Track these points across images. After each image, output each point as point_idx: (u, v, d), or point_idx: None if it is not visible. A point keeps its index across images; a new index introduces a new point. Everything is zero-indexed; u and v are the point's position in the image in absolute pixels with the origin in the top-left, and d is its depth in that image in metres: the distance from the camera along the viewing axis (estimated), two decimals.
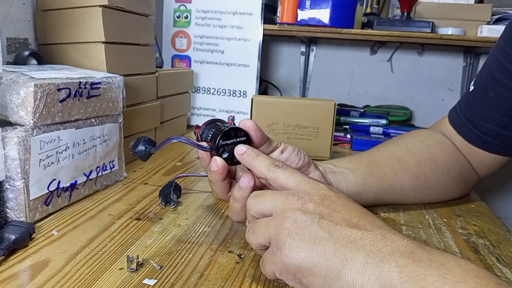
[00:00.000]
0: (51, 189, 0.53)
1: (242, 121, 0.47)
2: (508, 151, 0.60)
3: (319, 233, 0.35)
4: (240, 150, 0.44)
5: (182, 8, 1.14)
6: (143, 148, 0.48)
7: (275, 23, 1.13)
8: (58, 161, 0.53)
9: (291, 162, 0.49)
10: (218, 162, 0.45)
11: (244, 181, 0.43)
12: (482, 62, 1.33)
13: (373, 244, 0.33)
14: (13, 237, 0.43)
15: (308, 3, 1.09)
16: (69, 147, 0.55)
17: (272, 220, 0.38)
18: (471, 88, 0.62)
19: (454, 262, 0.30)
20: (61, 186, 0.54)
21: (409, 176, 0.60)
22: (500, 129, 0.58)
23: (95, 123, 0.60)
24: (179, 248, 0.47)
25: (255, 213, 0.41)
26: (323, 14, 1.08)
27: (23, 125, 0.48)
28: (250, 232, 0.40)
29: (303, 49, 1.40)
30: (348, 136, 1.09)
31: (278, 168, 0.42)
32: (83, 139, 0.57)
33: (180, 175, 0.68)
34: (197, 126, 0.50)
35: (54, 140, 0.52)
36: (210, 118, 0.50)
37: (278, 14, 1.12)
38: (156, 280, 0.40)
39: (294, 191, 0.39)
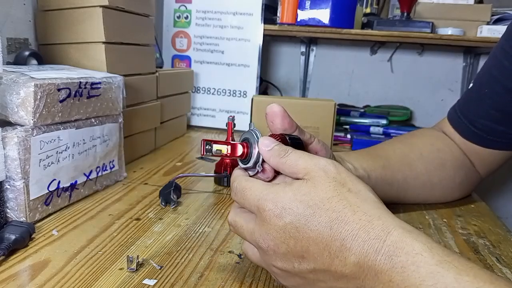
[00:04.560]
0: (51, 189, 0.53)
1: (270, 106, 0.42)
2: (503, 145, 0.60)
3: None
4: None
5: (182, 8, 1.14)
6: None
7: (275, 23, 1.13)
8: (58, 161, 0.53)
9: None
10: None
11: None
12: (482, 62, 1.33)
13: None
14: (13, 237, 0.43)
15: (308, 3, 1.09)
16: (69, 147, 0.55)
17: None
18: (470, 85, 0.63)
19: None
20: (61, 186, 0.54)
21: (417, 183, 0.61)
22: (494, 124, 0.59)
23: (95, 123, 0.60)
24: (179, 248, 0.46)
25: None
26: (323, 14, 1.08)
27: (23, 125, 0.48)
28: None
29: (303, 49, 1.40)
30: (348, 136, 1.09)
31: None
32: (83, 139, 0.57)
33: (180, 175, 0.68)
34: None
35: (54, 140, 0.52)
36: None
37: (278, 14, 1.12)
38: (156, 280, 0.40)
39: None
